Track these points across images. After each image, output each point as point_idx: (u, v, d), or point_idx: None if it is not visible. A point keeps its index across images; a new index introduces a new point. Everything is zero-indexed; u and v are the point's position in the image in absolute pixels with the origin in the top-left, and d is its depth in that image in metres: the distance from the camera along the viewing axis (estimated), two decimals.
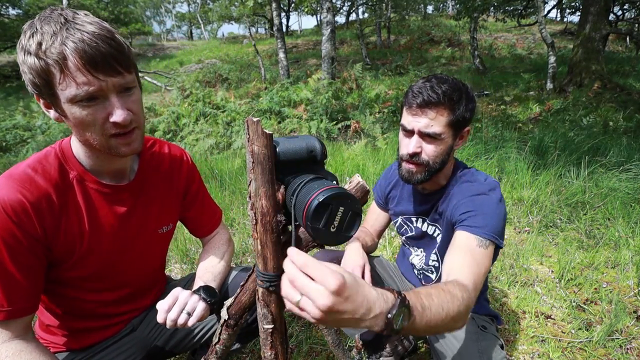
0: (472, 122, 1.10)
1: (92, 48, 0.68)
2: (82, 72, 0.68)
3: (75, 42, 0.67)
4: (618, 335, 1.62)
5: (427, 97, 0.99)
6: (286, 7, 21.15)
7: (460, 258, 0.92)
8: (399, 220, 1.32)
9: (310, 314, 0.50)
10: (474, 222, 0.97)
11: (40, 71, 0.68)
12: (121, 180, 0.92)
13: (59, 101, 0.72)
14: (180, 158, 1.07)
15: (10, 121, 7.37)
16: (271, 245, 0.68)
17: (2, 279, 0.75)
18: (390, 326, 0.57)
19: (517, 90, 7.98)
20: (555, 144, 3.96)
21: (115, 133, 0.76)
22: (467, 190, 1.06)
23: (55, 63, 0.67)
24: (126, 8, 22.15)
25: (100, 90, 0.71)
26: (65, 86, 0.69)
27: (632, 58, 10.95)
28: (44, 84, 0.70)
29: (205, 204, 1.16)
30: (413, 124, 1.03)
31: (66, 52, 0.67)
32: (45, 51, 0.67)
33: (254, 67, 13.06)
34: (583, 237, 2.48)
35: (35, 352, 0.78)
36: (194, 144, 5.43)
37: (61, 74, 0.68)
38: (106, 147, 0.78)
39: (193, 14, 38.97)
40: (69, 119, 0.74)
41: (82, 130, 0.75)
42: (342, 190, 0.58)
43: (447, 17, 20.56)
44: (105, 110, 0.73)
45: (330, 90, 6.18)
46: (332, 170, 3.75)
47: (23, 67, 0.71)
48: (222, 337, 0.86)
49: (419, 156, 1.05)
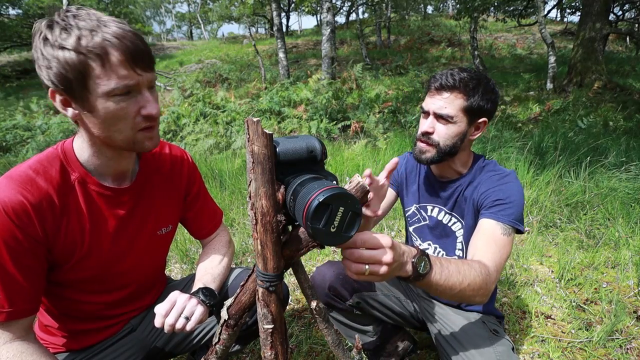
0: (492, 116, 1.15)
1: (133, 44, 0.72)
2: (125, 66, 0.72)
3: (117, 38, 0.70)
4: (618, 335, 1.62)
5: (445, 81, 1.08)
6: (286, 7, 21.14)
7: (484, 244, 1.00)
8: (412, 208, 1.33)
9: (380, 272, 0.67)
10: (500, 209, 1.05)
11: (77, 65, 0.69)
12: (122, 182, 0.92)
13: (91, 96, 0.72)
14: (181, 158, 1.07)
15: (10, 121, 7.37)
16: (271, 245, 0.68)
17: (3, 280, 0.75)
18: (416, 270, 0.74)
19: (517, 90, 7.98)
20: (556, 144, 3.96)
21: (144, 127, 0.79)
22: (496, 179, 1.12)
23: (97, 57, 0.69)
24: (126, 8, 22.16)
25: (136, 85, 0.75)
26: (105, 80, 0.71)
27: (632, 58, 10.94)
28: (78, 77, 0.70)
29: (205, 204, 1.15)
30: (429, 105, 1.12)
31: (108, 47, 0.70)
32: (86, 46, 0.69)
33: (254, 67, 13.06)
34: (583, 237, 2.48)
35: (36, 353, 0.78)
36: (194, 144, 5.42)
37: (102, 68, 0.70)
38: (131, 141, 0.80)
39: (193, 14, 38.98)
40: (99, 114, 0.74)
41: (110, 125, 0.76)
42: (342, 190, 0.58)
43: (447, 17, 20.56)
44: (137, 104, 0.77)
45: (330, 90, 6.17)
46: (332, 170, 3.75)
47: (51, 62, 0.70)
48: (222, 337, 0.86)
49: (431, 136, 1.11)
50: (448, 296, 0.85)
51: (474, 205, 1.15)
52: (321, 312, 0.80)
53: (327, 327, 0.82)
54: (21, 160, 5.42)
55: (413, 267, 0.74)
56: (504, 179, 1.12)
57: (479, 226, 1.07)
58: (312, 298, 0.79)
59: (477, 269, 0.89)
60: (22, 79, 17.20)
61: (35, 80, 16.96)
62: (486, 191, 1.11)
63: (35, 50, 0.72)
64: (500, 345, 1.07)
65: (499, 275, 0.96)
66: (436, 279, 0.79)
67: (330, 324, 0.83)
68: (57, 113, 8.34)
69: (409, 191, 1.35)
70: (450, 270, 0.82)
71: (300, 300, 1.94)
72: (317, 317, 0.81)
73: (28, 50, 20.45)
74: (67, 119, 7.51)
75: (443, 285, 0.81)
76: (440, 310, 1.27)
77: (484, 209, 1.09)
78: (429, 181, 1.28)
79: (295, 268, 0.78)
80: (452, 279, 0.81)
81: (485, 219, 1.06)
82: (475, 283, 0.85)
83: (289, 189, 0.67)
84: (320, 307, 0.80)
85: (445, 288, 0.81)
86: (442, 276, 0.80)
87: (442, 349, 1.16)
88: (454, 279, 0.82)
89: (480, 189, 1.13)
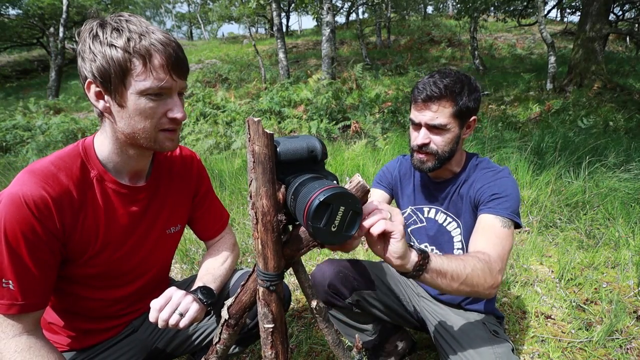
0: (479, 111, 1.17)
1: (174, 52, 0.80)
2: (164, 69, 0.79)
3: (162, 45, 0.78)
4: (618, 335, 1.62)
5: (430, 92, 1.08)
6: (286, 7, 21.14)
7: (485, 238, 1.02)
8: (407, 211, 1.34)
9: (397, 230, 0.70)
10: (497, 204, 1.08)
11: (121, 61, 0.76)
12: (138, 181, 0.95)
13: (126, 91, 0.78)
14: (191, 159, 1.10)
15: (10, 121, 7.38)
16: (272, 245, 0.69)
17: (19, 272, 0.76)
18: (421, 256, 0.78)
19: (517, 90, 7.98)
20: (555, 144, 3.96)
21: (167, 128, 0.84)
22: (490, 175, 1.15)
23: (141, 57, 0.77)
24: (126, 9, 22.16)
25: (169, 88, 0.81)
26: (143, 78, 0.78)
27: (632, 58, 10.95)
28: (119, 72, 0.77)
29: (213, 206, 1.17)
30: (419, 117, 1.12)
31: (153, 51, 0.77)
32: (134, 47, 0.76)
33: (254, 67, 13.06)
34: (583, 237, 2.49)
35: (44, 349, 0.79)
36: (194, 144, 5.43)
37: (143, 67, 0.77)
38: (152, 139, 0.85)
39: (193, 14, 38.98)
40: (128, 109, 0.80)
41: (136, 121, 0.81)
42: (342, 190, 0.58)
43: (447, 17, 20.56)
44: (166, 106, 0.82)
45: (330, 91, 6.18)
46: (332, 170, 3.76)
47: (96, 56, 0.76)
48: (222, 337, 0.86)
49: (428, 146, 1.13)
50: (454, 288, 0.85)
51: (471, 203, 1.16)
52: (321, 311, 0.80)
53: (328, 327, 0.82)
54: (21, 160, 5.43)
55: (418, 254, 0.77)
56: (498, 174, 1.14)
57: (478, 222, 1.08)
58: (313, 297, 0.79)
59: (478, 256, 0.92)
60: (22, 79, 17.20)
61: (35, 81, 16.97)
62: (481, 187, 1.13)
63: (82, 44, 0.78)
64: (500, 346, 1.06)
65: (504, 265, 0.97)
66: (437, 264, 0.80)
67: (330, 324, 0.83)
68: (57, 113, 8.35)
69: (404, 194, 1.35)
70: (449, 258, 0.85)
71: (300, 300, 1.94)
72: (317, 316, 0.81)
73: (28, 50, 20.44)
74: (67, 119, 7.52)
75: (445, 271, 0.82)
76: (440, 310, 1.27)
77: (481, 205, 1.11)
78: (424, 183, 1.29)
79: (296, 267, 0.78)
80: (452, 264, 0.83)
81: (483, 214, 1.08)
82: (477, 268, 0.87)
83: (290, 189, 0.67)
84: (321, 306, 0.80)
85: (447, 275, 0.83)
86: (443, 262, 0.82)
87: (442, 349, 1.16)
88: (454, 264, 0.84)
89: (475, 185, 1.15)
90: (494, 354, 1.03)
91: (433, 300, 1.32)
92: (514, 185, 1.11)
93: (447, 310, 1.27)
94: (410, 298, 1.37)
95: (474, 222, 1.12)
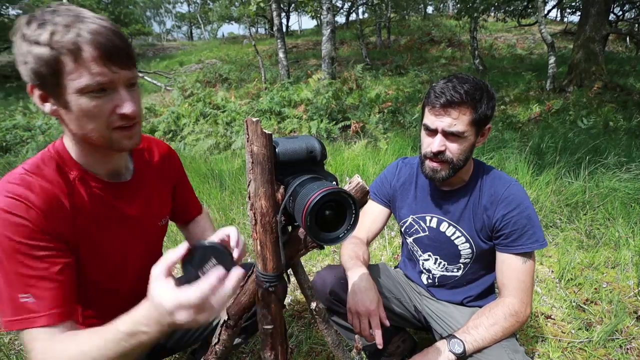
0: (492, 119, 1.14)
1: (108, 40, 0.70)
2: (97, 63, 0.69)
3: (91, 34, 0.68)
4: (618, 335, 1.62)
5: (450, 97, 1.01)
6: (286, 8, 21.15)
7: (513, 285, 1.09)
8: (409, 220, 1.29)
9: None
10: (527, 238, 1.09)
11: (49, 60, 0.68)
12: (120, 177, 0.93)
13: (65, 92, 0.71)
14: (167, 149, 1.10)
15: (10, 121, 7.37)
16: (271, 246, 0.68)
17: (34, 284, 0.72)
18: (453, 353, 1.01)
19: (517, 90, 7.97)
20: (556, 144, 3.96)
21: (119, 126, 0.76)
22: (511, 200, 1.11)
23: (70, 53, 0.68)
24: (126, 9, 22.16)
25: (111, 82, 0.72)
26: (78, 76, 0.69)
27: (632, 58, 10.93)
28: (51, 73, 0.69)
29: (189, 190, 1.21)
30: (437, 123, 1.05)
31: (81, 43, 0.68)
32: (59, 41, 0.68)
33: (254, 67, 13.05)
34: (583, 237, 2.48)
35: (85, 332, 0.73)
36: (194, 144, 5.43)
37: (74, 63, 0.69)
38: (107, 140, 0.77)
39: (193, 14, 38.99)
40: (72, 111, 0.73)
41: (84, 123, 0.74)
42: (341, 191, 0.58)
43: (447, 17, 20.54)
44: (112, 102, 0.74)
45: (330, 91, 6.17)
46: (332, 170, 3.75)
47: (26, 57, 0.69)
48: (221, 338, 0.86)
49: (443, 154, 1.07)
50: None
51: (488, 225, 1.13)
52: (321, 312, 0.80)
53: (327, 328, 0.82)
54: (21, 161, 5.43)
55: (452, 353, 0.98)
56: (519, 198, 1.11)
57: (503, 262, 1.12)
58: (312, 299, 0.79)
59: (505, 312, 1.06)
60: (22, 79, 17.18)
61: None
62: (505, 216, 1.10)
63: (14, 45, 0.71)
64: (508, 340, 1.06)
65: (530, 298, 1.10)
66: (472, 348, 1.00)
67: (330, 325, 0.83)
68: None
69: (405, 202, 1.30)
70: (480, 333, 1.03)
71: (300, 301, 1.94)
72: (316, 317, 0.81)
73: None
74: None
75: (482, 347, 1.02)
76: (444, 307, 1.28)
77: (502, 239, 1.12)
78: (427, 191, 1.24)
79: (295, 269, 0.78)
80: (486, 337, 1.02)
81: (506, 254, 1.11)
82: (506, 328, 1.04)
83: (289, 190, 0.67)
84: (320, 307, 0.80)
85: (485, 346, 1.02)
86: (477, 343, 1.01)
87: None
88: (487, 335, 1.03)
89: (497, 211, 1.11)
90: (502, 348, 1.03)
91: (435, 299, 1.32)
92: (533, 209, 1.11)
93: (450, 307, 1.27)
94: (411, 298, 1.37)
95: (488, 246, 1.15)
